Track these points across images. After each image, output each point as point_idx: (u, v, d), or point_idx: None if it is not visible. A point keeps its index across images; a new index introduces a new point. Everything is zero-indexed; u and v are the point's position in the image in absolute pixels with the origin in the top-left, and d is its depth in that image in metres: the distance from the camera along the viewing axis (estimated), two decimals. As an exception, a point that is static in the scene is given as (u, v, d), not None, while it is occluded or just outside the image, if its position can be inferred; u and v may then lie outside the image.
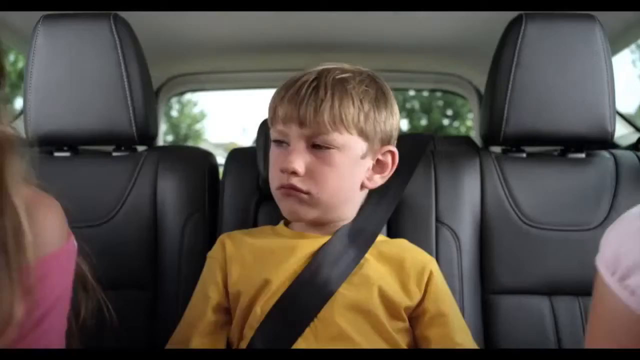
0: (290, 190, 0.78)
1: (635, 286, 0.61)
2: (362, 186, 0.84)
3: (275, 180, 0.80)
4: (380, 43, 1.63)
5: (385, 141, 0.83)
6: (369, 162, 0.82)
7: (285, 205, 0.81)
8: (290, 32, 1.54)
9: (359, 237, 0.84)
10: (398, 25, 1.49)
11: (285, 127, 0.78)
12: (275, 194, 0.81)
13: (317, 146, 0.77)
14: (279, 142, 0.80)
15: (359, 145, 0.79)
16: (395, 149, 0.84)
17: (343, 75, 0.79)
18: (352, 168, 0.80)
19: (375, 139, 0.81)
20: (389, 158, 0.84)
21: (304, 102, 0.76)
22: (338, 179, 0.78)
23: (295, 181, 0.77)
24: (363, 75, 0.82)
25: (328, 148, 0.77)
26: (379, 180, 0.84)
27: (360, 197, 0.87)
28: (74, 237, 0.66)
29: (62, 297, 0.61)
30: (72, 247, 0.64)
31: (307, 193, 0.77)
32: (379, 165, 0.84)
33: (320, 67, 0.81)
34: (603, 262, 0.66)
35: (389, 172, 0.85)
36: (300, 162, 0.76)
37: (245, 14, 1.38)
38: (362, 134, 0.79)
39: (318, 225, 0.84)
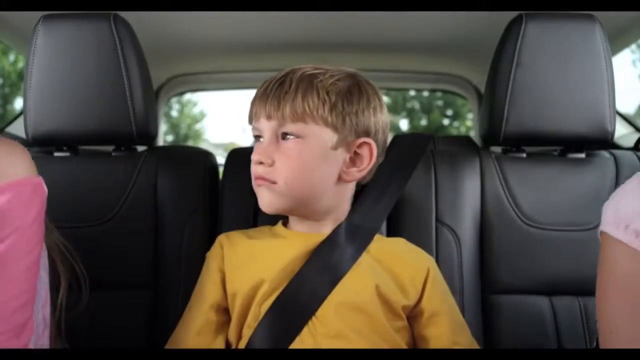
0: (259, 180, 0.80)
1: (639, 228, 0.69)
2: (340, 179, 0.82)
3: (253, 173, 0.82)
4: (380, 43, 1.63)
5: (362, 134, 0.82)
6: (344, 155, 0.81)
7: (259, 197, 0.82)
8: (290, 32, 1.55)
9: (357, 235, 0.84)
10: (398, 25, 1.49)
11: (257, 123, 0.82)
12: (254, 185, 0.83)
13: (284, 138, 0.80)
14: (257, 138, 0.83)
15: (326, 135, 0.79)
16: (371, 141, 0.82)
17: (313, 72, 0.81)
18: (320, 159, 0.80)
19: (345, 130, 0.80)
20: (365, 151, 0.83)
21: (269, 97, 0.80)
22: (303, 169, 0.79)
23: (262, 171, 0.80)
24: (340, 73, 0.82)
25: (293, 138, 0.79)
26: (356, 173, 0.83)
27: (344, 191, 0.85)
28: (42, 180, 0.68)
29: (21, 229, 0.62)
30: (30, 182, 0.66)
31: (274, 182, 0.79)
32: (356, 158, 0.83)
33: (291, 67, 0.83)
34: (606, 224, 0.74)
35: (367, 166, 0.83)
36: (264, 152, 0.79)
37: (245, 14, 1.38)
38: (330, 124, 0.79)
39: (307, 219, 0.84)
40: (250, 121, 0.84)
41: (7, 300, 0.61)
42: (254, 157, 0.80)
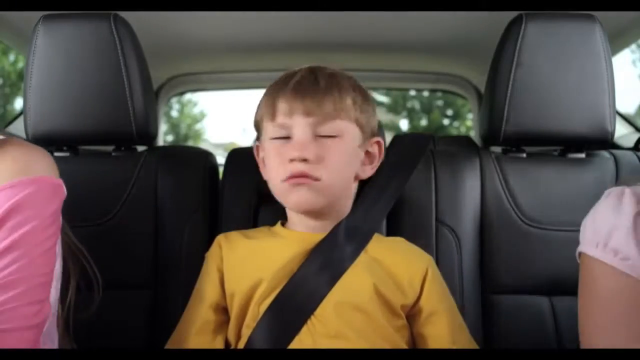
0: (302, 178, 0.78)
1: (616, 246, 0.71)
2: (356, 177, 0.86)
3: (281, 172, 0.80)
4: (380, 43, 1.63)
5: (373, 133, 0.87)
6: (362, 153, 0.86)
7: (294, 196, 0.80)
8: (290, 32, 1.55)
9: (356, 235, 0.84)
10: (398, 25, 1.49)
11: (288, 120, 0.80)
12: (282, 186, 0.81)
13: (321, 135, 0.80)
14: (279, 138, 0.81)
15: (356, 133, 0.83)
16: (381, 140, 0.89)
17: (333, 72, 0.85)
18: (351, 156, 0.83)
19: (367, 130, 0.85)
20: (376, 149, 0.88)
21: (308, 93, 0.79)
22: (343, 166, 0.82)
23: (306, 168, 0.78)
24: (346, 74, 0.87)
25: (332, 136, 0.80)
26: (369, 171, 0.88)
27: (354, 189, 0.89)
28: (62, 183, 0.77)
29: (40, 219, 0.71)
30: (52, 181, 0.75)
31: (318, 179, 0.79)
32: (368, 157, 0.87)
33: (307, 66, 0.85)
34: (585, 243, 0.75)
35: (377, 162, 0.88)
36: (308, 149, 0.78)
37: (245, 14, 1.38)
38: (358, 123, 0.83)
39: (318, 218, 0.84)
40: (272, 118, 0.82)
41: (26, 276, 0.68)
42: (295, 154, 0.78)
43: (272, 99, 0.82)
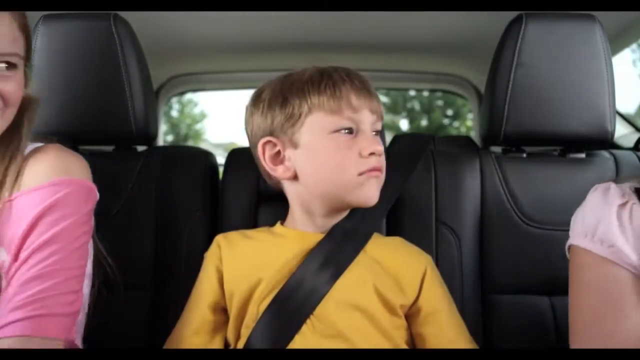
0: (377, 171, 0.82)
1: (602, 235, 0.77)
2: None
3: (359, 165, 0.80)
4: (380, 43, 1.63)
5: None
6: None
7: (368, 189, 0.81)
8: (290, 32, 1.54)
9: (355, 234, 0.84)
10: (398, 25, 1.49)
11: (357, 115, 0.81)
12: (357, 180, 0.80)
13: (374, 132, 0.84)
14: (348, 130, 0.81)
15: None
16: None
17: None
18: None
19: None
20: None
21: (370, 92, 0.83)
22: None
23: (379, 162, 0.82)
24: None
25: (378, 133, 0.84)
26: None
27: None
28: (96, 188, 0.84)
29: (74, 218, 0.76)
30: (87, 185, 0.82)
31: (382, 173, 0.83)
32: None
33: (333, 65, 0.86)
34: (574, 236, 0.81)
35: None
36: (380, 144, 0.82)
37: (245, 14, 1.38)
38: None
39: (339, 214, 0.86)
40: (340, 110, 0.80)
41: (64, 268, 0.73)
42: (376, 147, 0.80)
43: (339, 91, 0.80)
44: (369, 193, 0.81)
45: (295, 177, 0.84)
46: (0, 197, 0.76)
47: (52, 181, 0.76)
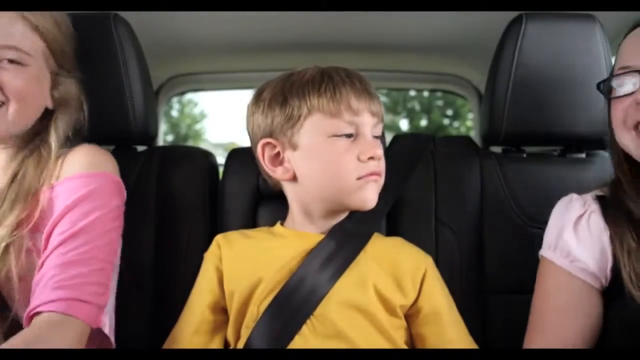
0: (376, 175, 0.81)
1: (561, 248, 0.84)
2: None
3: (359, 169, 0.80)
4: (380, 43, 1.63)
5: None
6: None
7: (366, 193, 0.81)
8: (290, 32, 1.54)
9: (355, 234, 0.84)
10: (398, 25, 1.49)
11: (357, 117, 0.80)
12: (355, 184, 0.80)
13: (374, 136, 0.83)
14: (348, 135, 0.81)
15: None
16: None
17: None
18: None
19: None
20: None
21: (371, 94, 0.82)
22: None
23: (377, 166, 0.81)
24: None
25: (379, 137, 0.83)
26: None
27: None
28: (122, 184, 0.87)
29: (103, 211, 0.80)
30: (116, 180, 0.86)
31: (381, 177, 0.82)
32: None
33: (333, 66, 0.85)
34: (544, 246, 0.86)
35: None
36: (379, 148, 0.81)
37: (245, 14, 1.37)
38: None
39: (338, 216, 0.85)
40: (339, 114, 0.80)
41: (94, 258, 0.77)
42: (375, 152, 0.80)
43: (339, 94, 0.80)
44: (368, 197, 0.81)
45: (294, 179, 0.83)
46: (41, 190, 0.80)
47: (86, 173, 0.81)
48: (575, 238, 0.82)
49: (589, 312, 0.81)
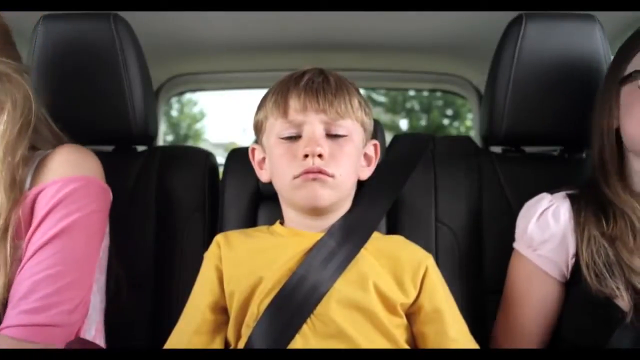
0: (317, 174, 0.79)
1: (528, 240, 0.89)
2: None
3: (293, 169, 0.80)
4: (380, 43, 1.63)
5: (370, 136, 0.91)
6: (362, 154, 0.88)
7: (307, 192, 0.80)
8: (290, 32, 1.54)
9: (354, 233, 0.84)
10: (397, 25, 1.49)
11: (301, 116, 0.81)
12: (292, 183, 0.81)
13: (332, 134, 0.82)
14: (290, 137, 0.82)
15: (361, 135, 0.86)
16: (377, 142, 0.91)
17: (339, 75, 0.87)
18: (357, 156, 0.86)
19: (368, 132, 0.88)
20: (373, 151, 0.91)
21: (321, 91, 0.81)
22: (352, 164, 0.84)
23: (321, 164, 0.79)
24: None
25: (343, 135, 0.82)
26: (367, 172, 0.90)
27: (353, 190, 0.90)
28: (109, 189, 0.85)
29: (82, 215, 0.77)
30: (98, 184, 0.83)
31: (332, 176, 0.80)
32: (365, 158, 0.90)
33: (312, 67, 0.87)
34: (516, 239, 0.93)
35: (374, 164, 0.91)
36: (324, 146, 0.80)
37: (245, 14, 1.37)
38: (363, 125, 0.86)
39: (319, 216, 0.85)
40: (283, 115, 0.82)
41: (60, 273, 0.74)
42: (311, 149, 0.79)
43: (283, 96, 0.82)
44: (310, 194, 0.80)
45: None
46: (20, 196, 0.77)
47: (60, 179, 0.77)
48: (538, 228, 0.88)
49: (546, 299, 0.88)
